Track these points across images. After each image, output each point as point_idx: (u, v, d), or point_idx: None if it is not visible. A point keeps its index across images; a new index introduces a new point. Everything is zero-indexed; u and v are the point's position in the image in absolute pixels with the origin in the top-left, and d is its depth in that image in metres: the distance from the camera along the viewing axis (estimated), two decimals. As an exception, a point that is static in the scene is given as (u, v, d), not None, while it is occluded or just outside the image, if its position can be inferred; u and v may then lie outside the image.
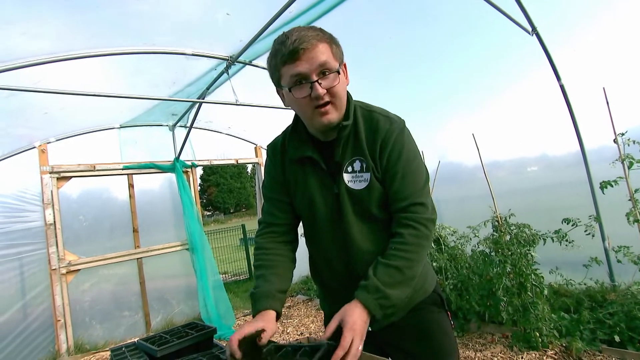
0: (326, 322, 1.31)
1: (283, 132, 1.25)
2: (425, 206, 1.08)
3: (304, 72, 0.97)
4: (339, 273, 1.18)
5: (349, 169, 1.10)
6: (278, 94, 1.12)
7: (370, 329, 1.16)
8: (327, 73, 0.99)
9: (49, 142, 4.13)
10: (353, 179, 1.09)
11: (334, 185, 1.11)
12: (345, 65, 1.09)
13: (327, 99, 1.01)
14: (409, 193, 1.07)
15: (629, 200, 2.61)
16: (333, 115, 1.04)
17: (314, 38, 0.97)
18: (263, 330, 0.97)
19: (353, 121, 1.11)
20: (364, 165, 1.09)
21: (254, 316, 1.05)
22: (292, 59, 0.97)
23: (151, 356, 1.28)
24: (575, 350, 2.57)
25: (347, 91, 1.11)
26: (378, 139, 1.09)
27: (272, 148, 1.25)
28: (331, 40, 1.03)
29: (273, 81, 1.08)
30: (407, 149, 1.09)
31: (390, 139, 1.08)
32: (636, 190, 2.58)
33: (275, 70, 1.04)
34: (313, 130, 1.12)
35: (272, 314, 1.05)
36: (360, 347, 0.93)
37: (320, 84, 0.98)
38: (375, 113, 1.13)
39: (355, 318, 0.95)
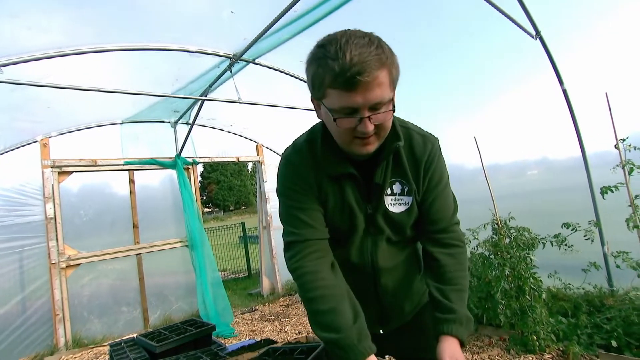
0: None
1: (306, 141, 1.09)
2: (459, 224, 1.14)
3: (357, 106, 0.84)
4: (365, 288, 1.17)
5: (389, 191, 1.05)
6: (313, 102, 0.99)
7: (381, 331, 1.19)
8: (380, 107, 0.87)
9: (51, 137, 4.14)
10: (393, 202, 1.06)
11: (368, 204, 1.06)
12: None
13: (372, 133, 0.90)
14: (449, 215, 1.10)
15: (629, 206, 2.61)
16: (374, 146, 0.95)
17: (374, 64, 0.81)
18: None
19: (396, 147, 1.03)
20: (406, 189, 1.06)
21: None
22: (346, 88, 0.82)
23: (150, 352, 1.29)
24: (572, 355, 2.58)
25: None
26: (422, 161, 1.05)
27: (298, 157, 1.08)
28: (391, 63, 0.86)
29: (312, 91, 0.94)
30: (444, 171, 1.10)
31: (434, 163, 1.06)
32: (636, 196, 2.59)
33: (320, 85, 0.87)
34: (346, 152, 1.02)
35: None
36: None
37: (370, 119, 0.86)
38: (412, 131, 1.08)
39: (458, 353, 0.98)
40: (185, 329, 1.42)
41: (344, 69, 0.79)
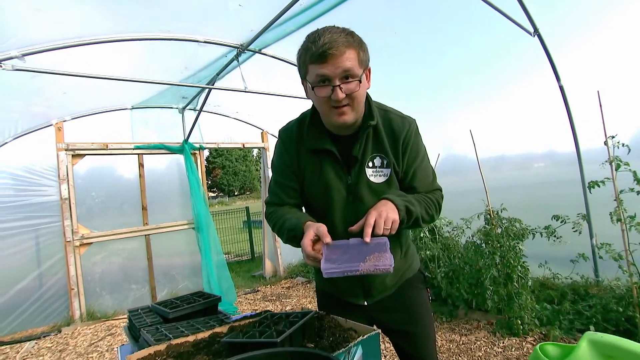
0: (320, 302, 1.47)
1: (298, 120, 1.29)
2: (441, 190, 1.30)
3: (327, 75, 1.04)
4: None
5: (370, 164, 1.20)
6: (302, 84, 1.19)
7: (365, 302, 1.32)
8: (349, 79, 1.05)
9: (65, 121, 4.31)
10: (374, 173, 1.20)
11: (348, 176, 1.21)
12: (369, 70, 1.16)
13: (345, 102, 1.08)
14: (428, 181, 1.27)
15: (614, 200, 2.73)
16: (349, 116, 1.11)
17: (343, 44, 1.02)
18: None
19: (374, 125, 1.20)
20: (385, 162, 1.21)
21: (300, 233, 1.11)
22: (319, 60, 1.03)
23: (164, 317, 1.46)
24: (553, 338, 2.75)
25: (367, 93, 1.21)
26: (400, 138, 1.20)
27: (287, 133, 1.29)
28: (359, 47, 1.08)
29: (300, 73, 1.16)
30: (422, 146, 1.27)
31: (411, 140, 1.22)
32: (621, 191, 2.70)
33: (303, 65, 1.10)
34: (329, 126, 1.20)
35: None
36: (393, 217, 1.03)
37: (341, 88, 1.04)
38: (391, 113, 1.25)
39: (381, 205, 1.07)
40: (194, 299, 1.59)
41: (317, 47, 1.02)
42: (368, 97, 1.23)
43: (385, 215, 1.02)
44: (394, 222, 1.03)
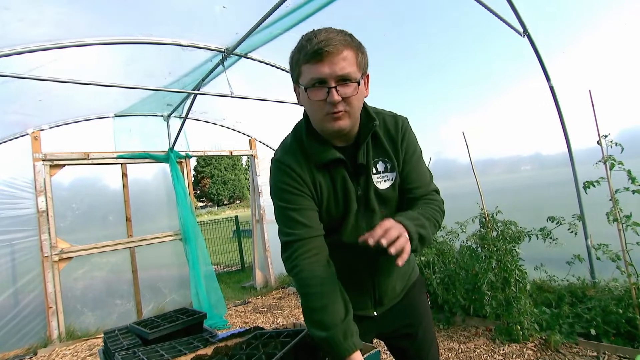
0: None
1: (292, 136, 1.16)
2: (439, 193, 1.22)
3: (324, 77, 0.95)
4: (359, 267, 1.20)
5: (374, 170, 1.13)
6: (294, 90, 1.09)
7: (375, 313, 1.24)
8: (347, 81, 0.96)
9: (42, 130, 4.12)
10: (380, 179, 1.13)
11: (358, 186, 1.12)
12: (367, 76, 1.07)
13: (341, 107, 0.98)
14: (426, 181, 1.19)
15: (610, 200, 2.69)
16: (345, 122, 1.01)
17: (341, 43, 0.94)
18: None
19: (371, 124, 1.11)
20: (389, 166, 1.14)
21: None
22: (315, 59, 0.94)
23: (143, 339, 1.33)
24: (554, 343, 2.68)
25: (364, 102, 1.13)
26: (397, 138, 1.14)
27: (289, 154, 1.12)
28: (358, 49, 1.00)
29: (292, 76, 1.06)
30: (417, 144, 1.20)
31: (406, 137, 1.16)
32: (617, 191, 2.66)
33: (296, 65, 1.01)
34: (324, 135, 1.09)
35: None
36: (403, 235, 0.87)
37: (337, 91, 0.95)
38: (383, 114, 1.17)
39: (391, 224, 0.89)
40: (177, 317, 1.47)
41: (313, 45, 0.93)
42: (364, 104, 1.13)
43: (399, 232, 0.87)
44: (405, 245, 0.87)
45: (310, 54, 0.94)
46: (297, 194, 1.08)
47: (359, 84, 0.98)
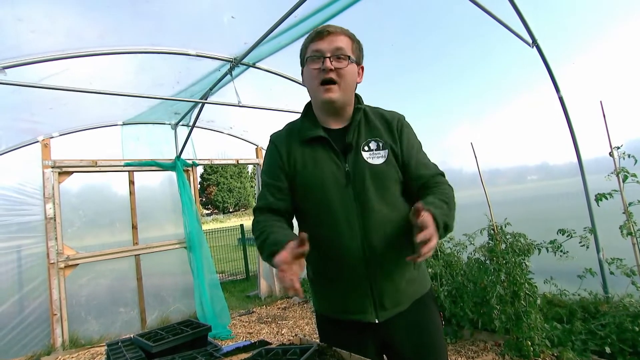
0: (321, 328, 1.30)
1: (290, 122, 1.34)
2: (444, 176, 1.26)
3: (322, 49, 1.14)
4: (351, 253, 1.12)
5: (366, 148, 1.20)
6: (302, 74, 1.27)
7: (377, 320, 1.14)
8: (341, 57, 1.14)
9: (52, 137, 4.17)
10: (371, 156, 1.20)
11: (345, 163, 1.18)
12: (362, 68, 1.26)
13: (333, 76, 1.14)
14: (432, 166, 1.26)
15: (623, 213, 2.63)
16: (336, 94, 1.16)
17: (341, 30, 1.18)
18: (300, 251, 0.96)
19: (363, 111, 1.26)
20: (381, 144, 1.21)
21: (273, 255, 1.00)
22: (317, 37, 1.16)
23: (146, 352, 1.31)
24: (566, 360, 2.60)
25: (357, 93, 1.27)
26: (393, 123, 1.25)
27: (277, 134, 1.32)
28: (356, 41, 1.22)
29: (301, 59, 1.24)
30: (416, 138, 1.29)
31: (404, 126, 1.27)
32: (630, 204, 2.61)
33: (304, 47, 1.22)
34: (321, 111, 1.24)
35: None
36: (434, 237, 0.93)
37: (331, 61, 1.13)
38: (380, 109, 1.32)
39: (428, 218, 0.96)
40: (181, 330, 1.44)
41: (318, 29, 1.17)
42: (358, 97, 1.28)
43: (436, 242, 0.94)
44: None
45: (315, 34, 1.17)
46: (272, 169, 1.25)
47: (351, 61, 1.16)
